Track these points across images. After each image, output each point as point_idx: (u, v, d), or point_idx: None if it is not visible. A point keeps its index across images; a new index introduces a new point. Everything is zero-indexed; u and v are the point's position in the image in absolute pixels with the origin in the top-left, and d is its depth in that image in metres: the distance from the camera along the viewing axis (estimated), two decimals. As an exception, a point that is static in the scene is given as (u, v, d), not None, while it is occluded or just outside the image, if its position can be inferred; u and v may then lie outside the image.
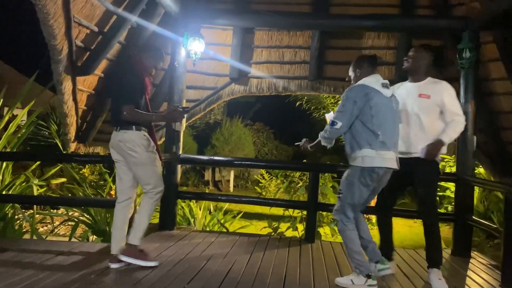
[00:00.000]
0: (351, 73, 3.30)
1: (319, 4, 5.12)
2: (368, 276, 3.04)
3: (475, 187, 4.64)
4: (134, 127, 3.21)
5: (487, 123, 5.19)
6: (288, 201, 5.72)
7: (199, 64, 4.96)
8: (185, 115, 3.49)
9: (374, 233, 3.45)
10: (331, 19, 4.81)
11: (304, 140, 3.50)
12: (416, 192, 3.35)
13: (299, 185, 5.89)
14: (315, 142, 3.38)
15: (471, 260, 4.21)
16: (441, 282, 3.17)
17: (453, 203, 5.71)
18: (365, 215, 3.75)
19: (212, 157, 5.65)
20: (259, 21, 4.95)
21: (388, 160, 3.04)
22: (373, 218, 5.77)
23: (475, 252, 4.58)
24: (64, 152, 6.84)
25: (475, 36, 4.49)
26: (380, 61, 5.44)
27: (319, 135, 3.27)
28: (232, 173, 14.27)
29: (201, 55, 4.84)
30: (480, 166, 6.42)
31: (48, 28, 3.86)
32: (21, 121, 5.74)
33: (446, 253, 4.51)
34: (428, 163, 3.25)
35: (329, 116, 3.26)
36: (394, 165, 3.09)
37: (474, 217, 4.47)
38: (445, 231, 8.00)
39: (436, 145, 3.18)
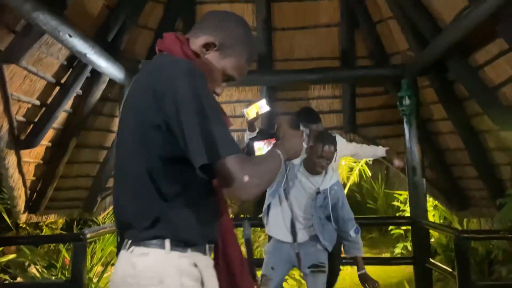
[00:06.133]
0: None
1: (263, 61, 5.24)
2: None
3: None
4: (165, 241, 1.25)
5: (436, 160, 5.34)
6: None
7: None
8: None
9: None
10: (276, 75, 4.92)
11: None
12: None
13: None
14: None
15: (433, 303, 4.24)
16: None
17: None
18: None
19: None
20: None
21: None
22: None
23: (437, 293, 4.63)
24: (17, 221, 6.53)
25: (413, 82, 4.68)
26: (328, 109, 5.64)
27: None
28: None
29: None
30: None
31: (-18, 110, 3.76)
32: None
33: (409, 296, 4.54)
34: None
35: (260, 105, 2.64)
36: None
37: (431, 260, 4.53)
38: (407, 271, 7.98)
39: None
